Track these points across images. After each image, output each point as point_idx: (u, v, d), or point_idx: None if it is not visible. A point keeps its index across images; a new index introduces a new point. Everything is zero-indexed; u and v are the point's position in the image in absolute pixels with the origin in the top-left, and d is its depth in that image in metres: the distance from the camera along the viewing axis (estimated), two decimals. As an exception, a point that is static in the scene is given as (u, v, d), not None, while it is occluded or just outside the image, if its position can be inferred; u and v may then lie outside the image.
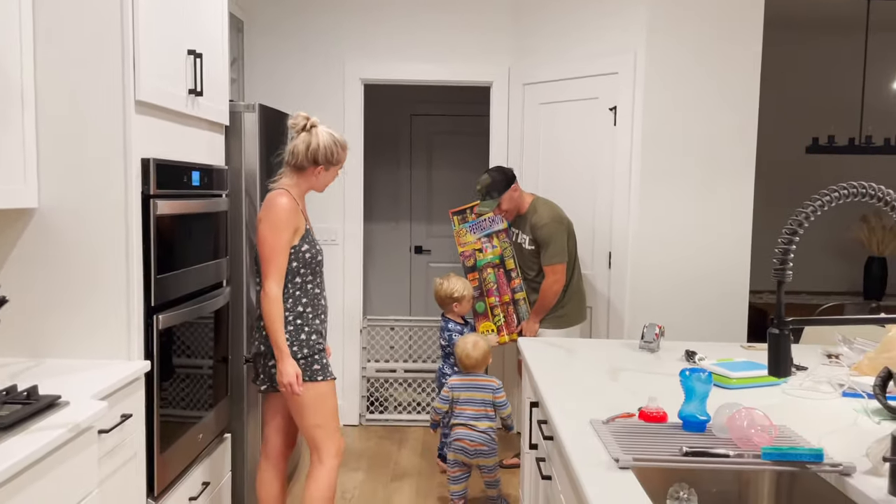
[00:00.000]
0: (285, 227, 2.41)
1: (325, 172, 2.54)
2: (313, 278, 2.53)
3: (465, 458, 3.24)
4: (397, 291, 6.00)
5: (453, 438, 3.25)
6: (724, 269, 3.64)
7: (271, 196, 2.46)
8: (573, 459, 1.50)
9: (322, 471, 2.56)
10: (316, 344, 2.51)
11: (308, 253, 2.50)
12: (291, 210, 2.43)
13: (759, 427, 1.53)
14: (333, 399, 2.56)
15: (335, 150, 2.51)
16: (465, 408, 3.25)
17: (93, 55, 2.11)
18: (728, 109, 3.57)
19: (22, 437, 1.54)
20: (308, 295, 2.51)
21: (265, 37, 4.27)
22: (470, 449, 3.21)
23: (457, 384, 3.29)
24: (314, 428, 2.53)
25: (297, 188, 2.53)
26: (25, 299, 2.17)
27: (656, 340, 2.52)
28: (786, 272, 1.23)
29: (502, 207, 3.51)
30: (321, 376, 2.50)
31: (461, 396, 3.27)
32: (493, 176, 3.51)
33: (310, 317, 2.51)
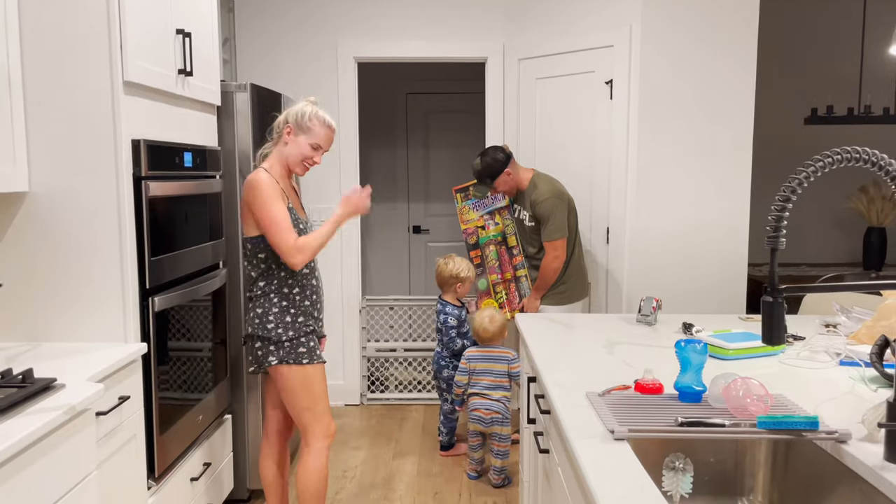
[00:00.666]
0: (273, 195, 2.37)
1: (294, 139, 2.45)
2: None
3: (481, 427, 3.35)
4: (396, 271, 6.00)
5: (470, 409, 3.38)
6: (722, 242, 3.63)
7: (251, 178, 2.42)
8: (568, 432, 1.50)
9: (310, 454, 2.53)
10: (303, 326, 2.48)
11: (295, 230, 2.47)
12: (272, 182, 2.40)
13: (755, 396, 1.53)
14: (321, 382, 2.53)
15: (308, 114, 2.44)
16: (482, 378, 3.36)
17: (79, 35, 2.09)
18: (725, 81, 3.54)
19: (17, 419, 1.54)
20: (295, 276, 2.48)
21: (257, 17, 4.23)
22: (486, 418, 3.33)
23: (474, 355, 3.40)
24: (302, 410, 2.51)
25: (276, 165, 2.48)
26: (20, 283, 2.17)
27: (653, 314, 2.52)
28: (779, 239, 1.22)
29: (498, 189, 3.51)
30: (307, 359, 2.47)
31: (478, 367, 3.38)
32: (485, 161, 3.49)
33: (297, 299, 2.48)
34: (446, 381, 3.66)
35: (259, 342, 2.47)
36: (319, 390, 2.52)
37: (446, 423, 3.71)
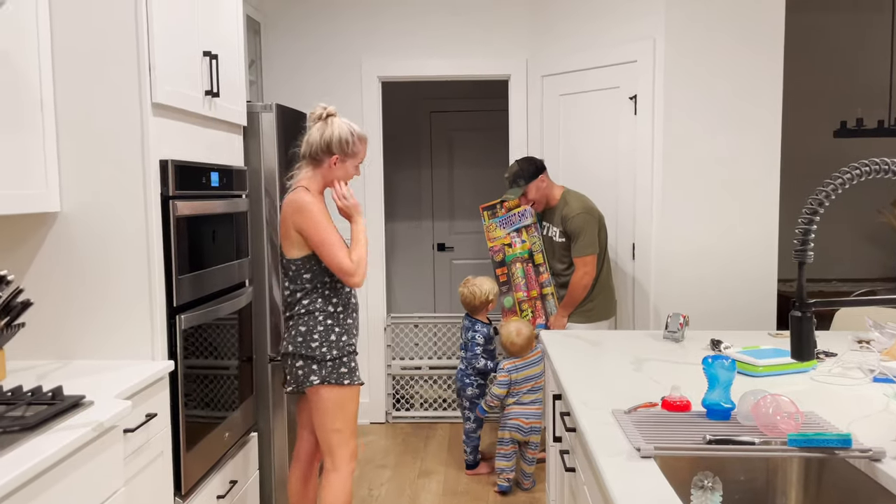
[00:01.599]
0: (326, 217, 2.40)
1: (342, 164, 2.48)
2: None
3: (519, 436, 3.40)
4: (421, 289, 6.00)
5: (509, 418, 3.40)
6: (751, 257, 3.58)
7: (294, 196, 2.41)
8: (594, 449, 1.48)
9: (337, 477, 2.51)
10: (346, 346, 2.48)
11: None
12: (318, 202, 2.42)
13: (785, 413, 1.49)
14: (355, 404, 2.52)
15: (351, 140, 2.46)
16: (522, 386, 3.40)
17: (109, 59, 2.14)
18: (751, 95, 3.50)
19: (46, 436, 1.56)
20: (338, 294, 2.48)
21: (282, 38, 4.30)
22: (525, 427, 3.39)
23: (512, 367, 3.41)
24: (332, 432, 2.49)
25: (315, 183, 2.48)
26: (51, 302, 2.21)
27: (681, 330, 2.48)
28: (806, 252, 1.19)
29: (528, 196, 3.49)
30: (348, 380, 2.47)
31: (518, 377, 3.40)
32: (520, 164, 3.51)
33: (340, 317, 2.48)
34: (469, 400, 3.64)
35: (301, 360, 2.45)
36: (352, 413, 2.51)
37: (469, 441, 3.69)
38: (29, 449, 1.48)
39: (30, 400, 1.72)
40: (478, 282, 3.62)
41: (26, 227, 2.19)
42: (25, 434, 1.55)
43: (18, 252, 2.20)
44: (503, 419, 3.45)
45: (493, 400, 3.44)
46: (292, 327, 2.49)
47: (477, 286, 3.60)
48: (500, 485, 3.44)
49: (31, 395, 1.75)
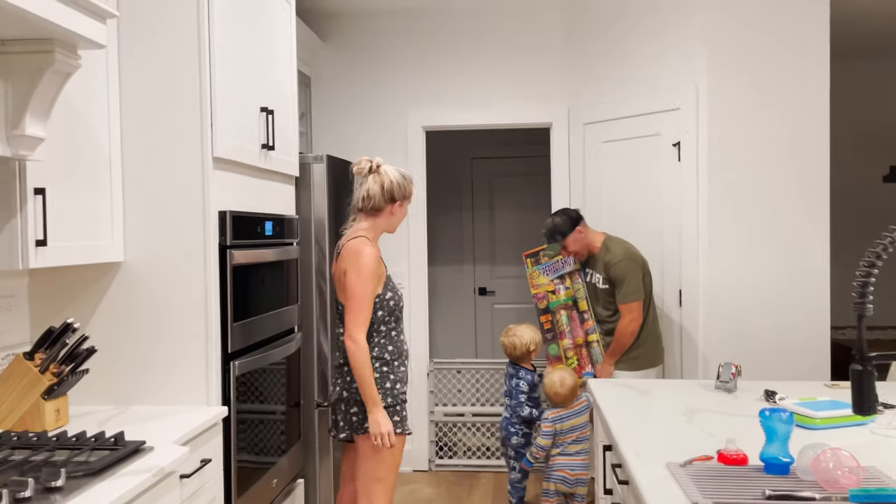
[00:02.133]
0: (372, 276, 2.41)
1: (400, 209, 2.55)
2: (396, 325, 2.52)
3: (565, 488, 3.35)
4: (463, 334, 6.01)
5: (554, 469, 3.36)
6: (802, 305, 3.51)
7: (355, 245, 2.44)
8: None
9: None
10: (400, 394, 2.48)
11: (392, 300, 2.49)
12: (377, 259, 2.44)
13: (846, 468, 1.46)
14: (400, 454, 2.51)
15: (405, 183, 2.55)
16: (567, 437, 3.36)
17: (173, 115, 2.25)
18: (798, 140, 3.48)
19: (110, 481, 1.60)
20: (393, 342, 2.50)
21: (330, 91, 4.44)
22: (570, 478, 3.34)
23: (556, 416, 3.37)
24: (374, 481, 2.47)
25: (374, 232, 2.53)
26: (113, 348, 2.29)
27: (733, 380, 2.45)
28: (865, 305, 1.19)
29: (569, 249, 3.51)
30: (399, 429, 2.47)
31: (563, 427, 3.37)
32: (555, 220, 3.52)
33: (395, 364, 2.49)
34: (514, 449, 3.60)
35: (356, 406, 2.45)
36: (396, 463, 2.50)
37: (514, 492, 3.63)
38: (94, 494, 1.53)
39: (94, 445, 1.77)
40: (519, 331, 3.60)
41: (91, 277, 2.29)
42: (90, 479, 1.59)
43: (83, 300, 2.29)
44: (548, 470, 3.39)
45: (538, 451, 3.40)
46: (347, 373, 2.48)
47: (518, 336, 3.58)
48: None
49: (94, 441, 1.81)
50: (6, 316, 2.21)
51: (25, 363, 1.98)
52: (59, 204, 1.95)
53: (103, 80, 2.18)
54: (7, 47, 1.67)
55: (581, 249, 3.52)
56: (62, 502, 1.47)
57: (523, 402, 3.57)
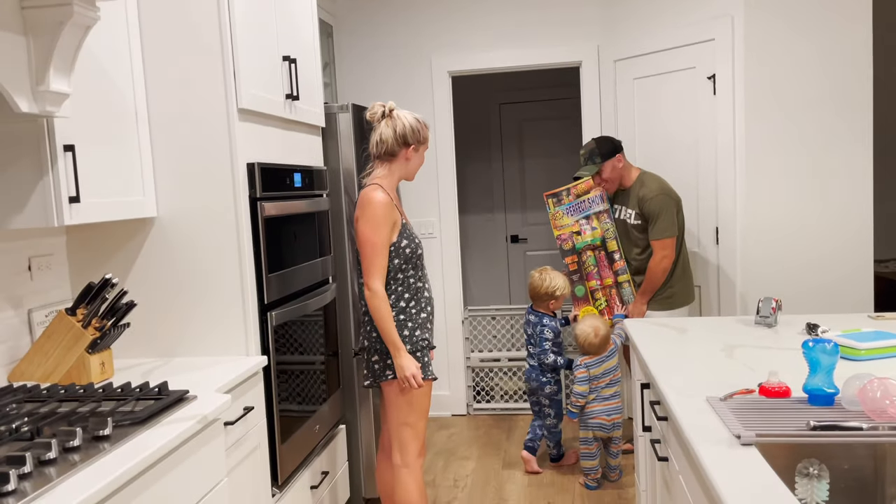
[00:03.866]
0: (384, 223, 2.39)
1: (415, 154, 2.51)
2: (415, 272, 2.52)
3: (603, 434, 3.35)
4: (496, 281, 6.01)
5: (591, 417, 3.34)
6: (844, 238, 3.42)
7: (366, 192, 2.44)
8: (691, 438, 1.45)
9: (408, 473, 2.53)
10: (420, 341, 2.50)
11: (408, 248, 2.48)
12: (387, 205, 2.41)
13: (895, 398, 1.43)
14: (427, 400, 2.54)
15: (420, 127, 2.50)
16: (601, 381, 3.34)
17: (197, 69, 2.23)
18: (838, 70, 3.34)
19: (156, 429, 1.64)
20: (410, 290, 2.50)
21: (353, 39, 4.37)
22: (607, 424, 3.34)
23: (591, 362, 3.35)
24: (402, 426, 2.51)
25: (390, 179, 2.50)
26: (150, 303, 2.32)
27: (773, 315, 2.40)
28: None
29: (603, 175, 3.43)
30: (423, 375, 2.50)
31: (598, 371, 3.35)
32: (597, 142, 3.45)
33: (413, 312, 2.50)
34: (549, 398, 3.55)
35: (377, 355, 2.50)
36: (424, 408, 2.53)
37: (553, 436, 3.61)
38: (141, 441, 1.56)
39: (138, 395, 1.81)
40: (551, 274, 3.53)
41: (126, 233, 2.32)
42: (136, 427, 1.63)
43: (119, 256, 2.33)
44: (584, 418, 3.36)
45: (578, 399, 3.34)
46: (367, 322, 2.52)
47: (547, 277, 3.51)
48: (588, 485, 3.36)
49: (139, 391, 1.85)
50: (47, 274, 2.26)
51: (68, 319, 2.02)
52: (89, 160, 1.96)
53: (124, 35, 2.16)
54: (27, 2, 1.66)
55: (615, 179, 3.44)
56: (110, 450, 1.51)
57: (548, 349, 3.51)
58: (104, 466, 1.43)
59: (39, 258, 2.22)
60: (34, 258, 2.20)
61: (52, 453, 1.43)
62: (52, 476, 1.37)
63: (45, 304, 2.23)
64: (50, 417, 1.65)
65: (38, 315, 2.19)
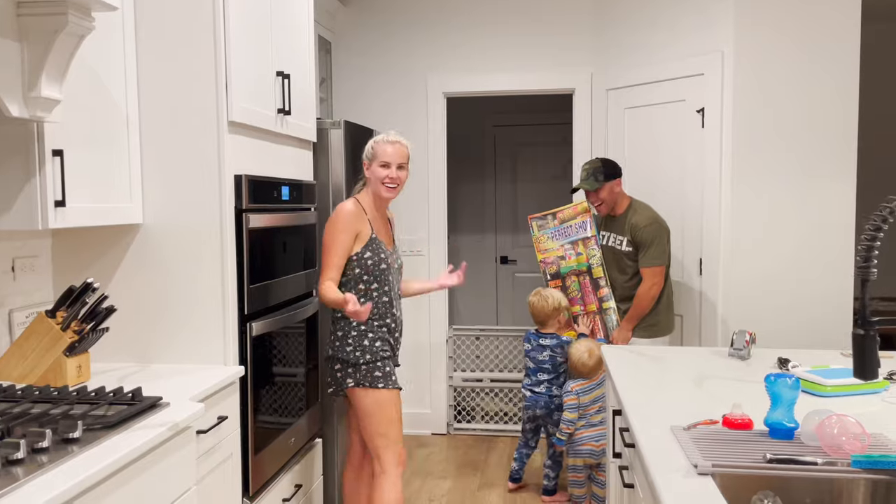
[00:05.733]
0: (343, 228, 2.53)
1: (371, 170, 2.63)
2: (379, 286, 2.58)
3: (591, 461, 3.31)
4: (484, 301, 6.03)
5: (580, 444, 3.31)
6: (825, 274, 3.46)
7: (340, 204, 2.62)
8: (650, 465, 1.48)
9: (385, 480, 2.57)
10: (380, 351, 2.56)
11: (371, 260, 2.56)
12: (352, 214, 2.55)
13: (851, 435, 1.46)
14: (394, 408, 2.57)
15: (371, 146, 2.64)
16: (590, 408, 3.32)
17: (188, 80, 2.27)
18: (825, 107, 3.40)
19: (126, 434, 1.66)
20: (376, 303, 2.58)
21: (351, 56, 4.43)
22: (597, 450, 3.30)
23: (582, 389, 3.34)
24: (375, 436, 2.57)
25: (368, 197, 2.65)
26: (131, 308, 2.34)
27: (747, 347, 2.43)
28: (870, 269, 1.17)
29: (600, 195, 3.44)
30: (382, 384, 2.54)
31: (586, 399, 3.33)
32: (602, 161, 3.48)
33: (374, 324, 2.57)
34: (556, 424, 3.43)
35: (339, 364, 2.58)
36: (392, 416, 2.57)
37: (556, 467, 3.52)
38: (110, 445, 1.58)
39: (111, 400, 1.83)
40: (548, 292, 3.50)
41: (111, 238, 2.34)
42: (106, 432, 1.65)
43: (103, 261, 2.35)
44: (572, 446, 3.33)
45: (568, 426, 3.30)
46: (332, 332, 2.62)
47: (549, 295, 3.47)
48: None
49: (112, 396, 1.86)
50: (30, 275, 2.28)
51: (47, 321, 2.04)
52: (78, 165, 1.99)
53: (119, 44, 2.20)
54: (22, 10, 1.70)
55: (610, 202, 3.46)
56: (79, 452, 1.52)
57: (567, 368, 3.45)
58: (72, 468, 1.44)
59: (23, 259, 2.24)
60: (18, 259, 2.22)
61: (21, 453, 1.45)
62: (18, 476, 1.39)
63: (26, 305, 2.25)
64: (22, 418, 1.66)
65: (19, 316, 2.21)
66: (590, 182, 3.44)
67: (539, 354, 3.51)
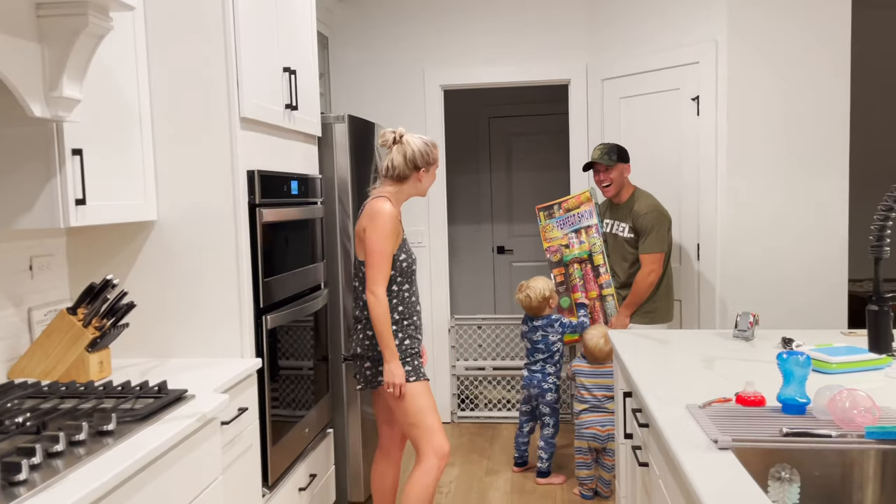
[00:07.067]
0: (392, 233, 2.51)
1: (427, 175, 2.64)
2: (409, 286, 2.62)
3: (596, 444, 3.38)
4: (482, 291, 6.09)
5: (584, 427, 3.38)
6: (820, 258, 3.54)
7: (375, 203, 2.54)
8: (671, 442, 1.53)
9: (420, 471, 2.62)
10: (409, 349, 2.60)
11: (405, 262, 2.59)
12: (395, 217, 2.54)
13: (862, 408, 1.52)
14: (427, 398, 2.62)
15: (429, 150, 2.63)
16: (596, 393, 3.38)
17: (201, 78, 2.29)
18: (818, 94, 3.47)
19: (157, 426, 1.70)
20: (403, 302, 2.60)
21: (348, 51, 4.45)
22: (602, 434, 3.36)
23: (585, 370, 3.41)
24: (410, 427, 2.62)
25: (398, 196, 2.63)
26: (149, 304, 2.37)
27: (751, 329, 2.50)
28: (883, 248, 1.23)
29: (611, 174, 3.49)
30: (413, 377, 2.59)
31: (588, 382, 3.39)
32: (617, 145, 3.54)
33: (404, 323, 2.60)
34: (550, 405, 3.58)
35: (369, 362, 2.60)
36: (426, 406, 2.61)
37: (547, 448, 3.61)
38: (144, 437, 1.62)
39: (138, 394, 1.87)
40: (531, 284, 3.57)
41: (125, 236, 2.37)
42: (138, 424, 1.69)
43: (118, 258, 2.38)
44: (578, 428, 3.42)
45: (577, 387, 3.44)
46: (361, 330, 2.62)
47: (531, 288, 3.55)
48: (584, 494, 3.43)
49: (139, 390, 1.90)
50: (47, 274, 2.30)
51: (69, 318, 2.07)
52: (94, 164, 2.02)
53: (131, 41, 2.23)
54: (43, 11, 1.72)
55: (618, 184, 3.52)
56: (114, 445, 1.56)
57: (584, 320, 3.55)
58: (109, 460, 1.48)
59: (40, 258, 2.27)
60: (35, 258, 2.25)
61: (60, 446, 1.48)
62: (59, 468, 1.42)
63: (44, 304, 2.28)
64: (53, 413, 1.69)
65: (38, 314, 2.24)
66: (604, 158, 3.49)
67: (533, 335, 3.62)
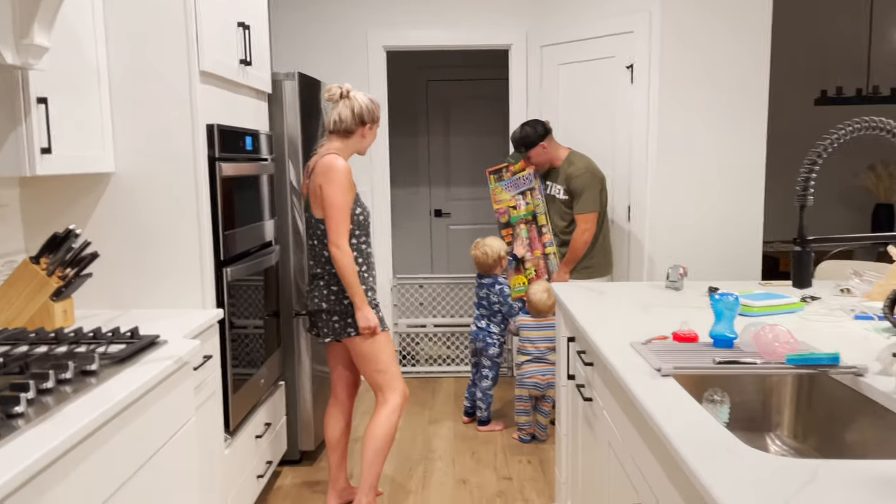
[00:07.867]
0: (348, 187, 2.60)
1: (370, 132, 2.73)
2: (366, 238, 2.72)
3: (536, 392, 3.60)
4: (419, 253, 6.22)
5: (526, 377, 3.59)
6: (739, 220, 3.82)
7: (327, 159, 2.61)
8: (620, 372, 1.71)
9: (385, 410, 2.76)
10: (372, 301, 2.71)
11: (361, 216, 2.68)
12: (349, 172, 2.62)
13: (783, 341, 1.74)
14: (391, 347, 2.77)
15: (374, 107, 2.72)
16: (539, 345, 3.58)
17: (160, 30, 2.30)
18: (741, 63, 3.72)
19: (136, 367, 1.76)
20: (363, 254, 2.70)
21: (291, 10, 4.43)
22: (542, 383, 3.58)
23: (529, 324, 3.60)
24: (376, 373, 2.74)
25: (346, 152, 2.70)
26: (107, 255, 2.39)
27: (680, 280, 2.73)
28: (807, 196, 1.42)
29: (531, 160, 3.71)
30: (381, 328, 2.71)
31: (532, 335, 3.57)
32: (524, 131, 3.70)
33: (364, 275, 2.70)
34: (491, 359, 3.79)
35: (337, 316, 2.68)
36: (389, 355, 2.75)
37: (486, 398, 3.82)
38: (125, 377, 1.68)
39: (111, 339, 1.91)
40: (488, 241, 3.76)
41: (81, 187, 2.37)
42: (118, 366, 1.74)
43: (74, 210, 2.37)
44: (520, 377, 3.63)
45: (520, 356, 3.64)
46: (324, 286, 2.69)
47: (488, 245, 3.74)
48: (522, 438, 3.66)
49: (112, 335, 1.94)
50: (1, 224, 2.28)
51: (33, 267, 2.08)
52: (56, 115, 2.01)
53: (89, -8, 2.20)
54: (10, -45, 1.71)
55: (544, 161, 3.72)
56: (98, 384, 1.62)
57: (511, 304, 3.74)
58: (98, 397, 1.54)
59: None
60: (-10, 208, 2.22)
61: (49, 383, 1.53)
62: (50, 404, 1.48)
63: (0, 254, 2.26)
64: (30, 357, 1.73)
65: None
66: (515, 155, 3.73)
67: (480, 291, 3.83)
